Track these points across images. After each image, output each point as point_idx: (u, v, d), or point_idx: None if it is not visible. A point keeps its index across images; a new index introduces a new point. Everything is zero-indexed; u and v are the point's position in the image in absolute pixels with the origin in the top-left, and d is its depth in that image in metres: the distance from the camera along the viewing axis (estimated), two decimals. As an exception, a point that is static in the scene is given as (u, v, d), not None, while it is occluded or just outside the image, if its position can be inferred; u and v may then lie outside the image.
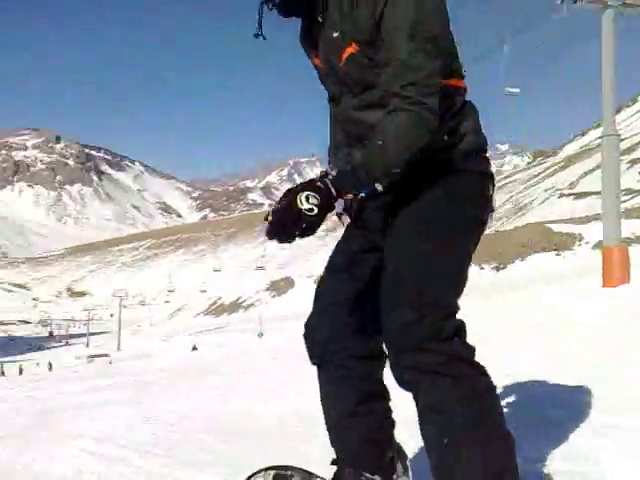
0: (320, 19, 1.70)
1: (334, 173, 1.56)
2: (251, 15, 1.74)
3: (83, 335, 78.42)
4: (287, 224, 1.48)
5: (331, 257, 1.89)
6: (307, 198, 1.46)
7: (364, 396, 1.79)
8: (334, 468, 1.83)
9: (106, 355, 42.05)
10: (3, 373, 26.34)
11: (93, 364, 29.84)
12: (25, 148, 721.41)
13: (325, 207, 1.48)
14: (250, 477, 1.90)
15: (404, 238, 1.63)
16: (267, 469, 1.90)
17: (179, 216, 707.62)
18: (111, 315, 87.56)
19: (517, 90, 21.31)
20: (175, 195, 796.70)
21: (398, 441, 1.88)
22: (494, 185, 1.76)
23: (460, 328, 1.55)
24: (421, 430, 1.56)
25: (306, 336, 1.85)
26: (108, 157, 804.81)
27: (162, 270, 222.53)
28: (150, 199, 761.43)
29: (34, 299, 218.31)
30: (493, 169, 1.81)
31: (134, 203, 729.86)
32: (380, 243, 1.72)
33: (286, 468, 1.91)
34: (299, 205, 1.46)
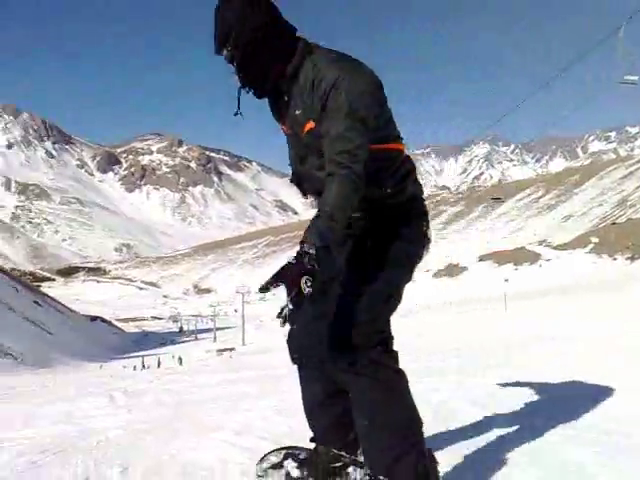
0: (286, 98, 2.19)
1: (311, 250, 1.91)
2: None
3: (210, 330, 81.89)
4: (299, 305, 1.89)
5: None
6: (306, 282, 1.89)
7: (331, 391, 2.31)
8: (312, 445, 2.43)
9: (232, 349, 43.61)
10: (144, 366, 28.37)
11: (221, 358, 31.18)
12: (150, 152, 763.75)
13: (315, 275, 1.90)
14: (265, 455, 2.52)
15: (351, 279, 2.20)
16: (280, 449, 2.53)
17: (295, 213, 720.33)
18: (235, 310, 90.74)
19: (636, 78, 19.56)
20: (290, 192, 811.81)
21: None
22: (428, 221, 2.33)
23: (383, 341, 2.16)
24: (353, 414, 2.19)
25: (289, 343, 2.42)
26: (227, 158, 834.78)
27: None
28: (267, 197, 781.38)
29: (164, 296, 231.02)
30: (622, 153, 1.91)
31: (252, 202, 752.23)
32: (346, 272, 2.24)
33: (294, 448, 2.51)
34: (304, 290, 1.87)
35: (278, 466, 2.41)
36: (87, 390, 8.93)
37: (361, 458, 2.26)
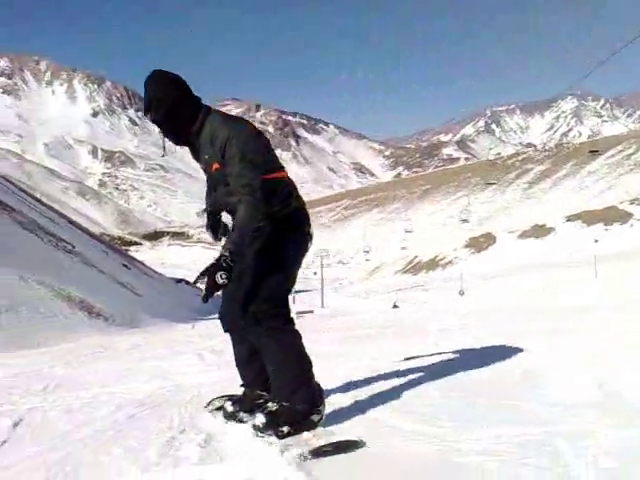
0: (197, 146, 3.09)
1: (226, 253, 2.80)
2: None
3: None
4: (213, 292, 2.79)
5: None
6: (221, 276, 2.75)
7: (252, 350, 3.18)
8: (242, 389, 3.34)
9: (312, 311, 44.23)
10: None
11: (301, 319, 31.73)
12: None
13: (230, 277, 2.77)
14: (210, 401, 3.53)
15: (256, 269, 3.04)
16: (220, 396, 3.51)
17: (373, 175, 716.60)
18: (314, 273, 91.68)
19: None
20: (368, 155, 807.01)
21: None
22: (310, 224, 3.22)
23: (280, 312, 3.07)
24: (265, 364, 3.12)
25: (220, 317, 3.31)
26: (304, 121, 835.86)
27: (359, 230, 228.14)
28: (345, 160, 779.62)
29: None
30: None
31: (330, 165, 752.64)
32: (252, 264, 3.04)
33: (230, 395, 3.42)
34: (218, 281, 2.75)
35: (220, 407, 3.36)
36: (177, 349, 9.27)
37: (274, 402, 3.06)
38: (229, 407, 3.24)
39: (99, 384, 5.20)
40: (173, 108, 2.93)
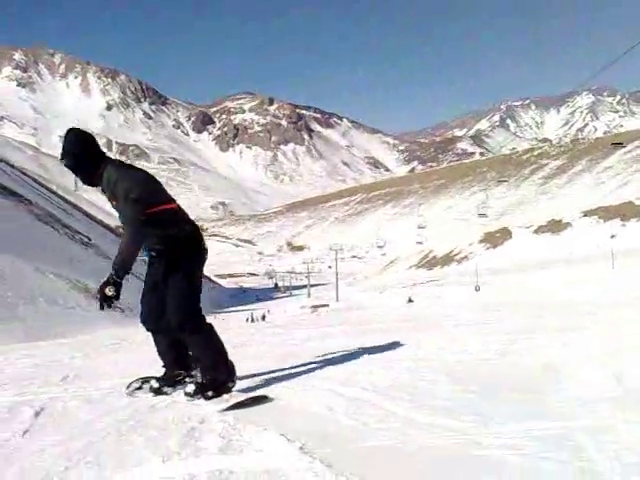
0: (102, 187, 3.82)
1: (112, 272, 3.60)
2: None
3: (304, 286, 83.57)
4: (104, 302, 3.59)
5: (145, 280, 4.09)
6: (109, 290, 3.55)
7: (170, 344, 4.10)
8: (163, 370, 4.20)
9: (327, 305, 44.27)
10: (252, 319, 29.68)
11: (316, 313, 31.77)
12: (242, 111, 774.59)
13: (118, 291, 3.59)
14: (130, 384, 4.17)
15: (170, 283, 3.90)
16: (138, 379, 4.21)
17: (387, 170, 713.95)
18: (329, 267, 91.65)
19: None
20: (382, 149, 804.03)
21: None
22: (204, 241, 4.09)
23: (195, 312, 3.90)
24: (191, 352, 4.07)
25: (142, 321, 4.12)
26: (317, 115, 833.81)
27: (372, 224, 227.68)
28: (358, 154, 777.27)
29: (259, 253, 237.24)
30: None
31: (343, 159, 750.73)
32: (162, 278, 3.95)
33: (147, 377, 4.20)
34: (107, 294, 3.56)
35: (139, 388, 4.11)
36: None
37: (193, 373, 4.10)
38: (155, 384, 4.09)
39: (118, 375, 5.24)
40: (79, 159, 3.80)
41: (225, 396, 3.80)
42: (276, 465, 2.54)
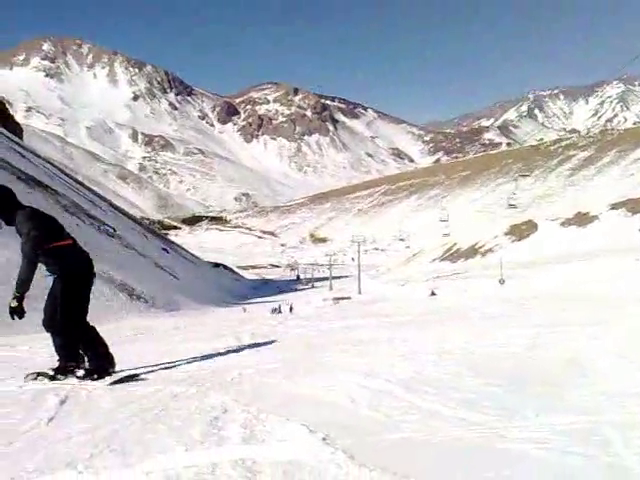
0: (16, 227, 4.72)
1: (14, 290, 4.50)
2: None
3: (326, 279, 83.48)
4: (11, 312, 4.48)
5: (48, 293, 4.85)
6: (11, 303, 4.46)
7: (62, 342, 4.85)
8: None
9: (349, 298, 44.19)
10: (280, 311, 29.70)
11: (338, 305, 31.76)
12: (267, 102, 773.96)
13: (21, 303, 4.49)
14: (26, 376, 4.76)
15: (60, 297, 4.80)
16: (32, 372, 4.83)
17: (411, 161, 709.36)
18: (352, 259, 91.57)
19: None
20: (407, 140, 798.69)
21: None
22: (91, 265, 5.05)
23: (70, 318, 4.81)
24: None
25: (42, 324, 4.87)
26: (342, 106, 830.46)
27: (396, 216, 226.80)
28: (383, 145, 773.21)
29: (282, 245, 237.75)
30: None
31: (368, 150, 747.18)
32: (56, 294, 4.82)
33: (45, 371, 4.82)
34: (11, 305, 4.45)
35: (34, 378, 4.71)
36: (216, 332, 9.38)
37: (84, 365, 4.82)
38: (50, 372, 4.80)
39: (141, 364, 5.30)
40: (1, 207, 4.75)
41: (107, 378, 4.72)
42: (298, 455, 2.54)
